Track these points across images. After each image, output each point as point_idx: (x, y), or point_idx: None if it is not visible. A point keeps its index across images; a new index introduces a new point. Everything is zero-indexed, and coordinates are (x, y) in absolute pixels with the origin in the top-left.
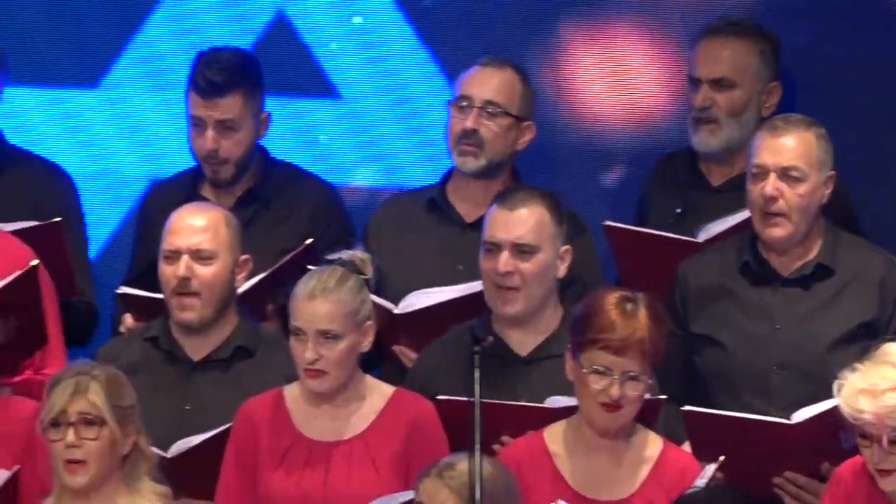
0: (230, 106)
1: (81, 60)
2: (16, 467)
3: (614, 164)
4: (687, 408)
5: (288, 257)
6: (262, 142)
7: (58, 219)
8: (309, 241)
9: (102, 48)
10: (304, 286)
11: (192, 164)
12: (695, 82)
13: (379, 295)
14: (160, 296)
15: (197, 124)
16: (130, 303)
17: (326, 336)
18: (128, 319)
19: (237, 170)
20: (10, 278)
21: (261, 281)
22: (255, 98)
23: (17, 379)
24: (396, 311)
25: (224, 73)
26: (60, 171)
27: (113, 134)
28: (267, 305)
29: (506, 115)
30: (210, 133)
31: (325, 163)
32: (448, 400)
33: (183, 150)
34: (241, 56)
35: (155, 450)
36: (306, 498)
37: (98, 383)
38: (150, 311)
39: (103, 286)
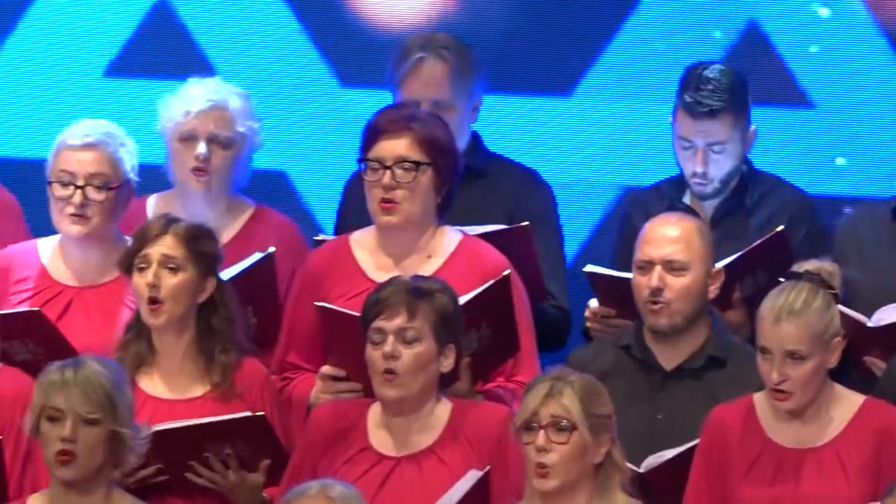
0: (720, 129)
1: (557, 69)
2: (487, 468)
3: None
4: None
5: (756, 244)
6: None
7: (525, 223)
8: (780, 228)
9: (577, 56)
10: (770, 305)
11: (668, 171)
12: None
13: (848, 306)
14: (627, 275)
15: (686, 147)
16: (598, 285)
17: (793, 357)
18: (593, 304)
19: (721, 185)
20: (483, 287)
21: (729, 266)
22: (743, 116)
23: (489, 386)
24: (870, 324)
25: (716, 95)
26: (538, 178)
27: (587, 143)
28: (734, 293)
29: None
30: (700, 156)
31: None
32: None
33: (657, 158)
34: (730, 75)
35: (629, 465)
36: None
37: (573, 389)
38: (617, 294)
39: (575, 293)
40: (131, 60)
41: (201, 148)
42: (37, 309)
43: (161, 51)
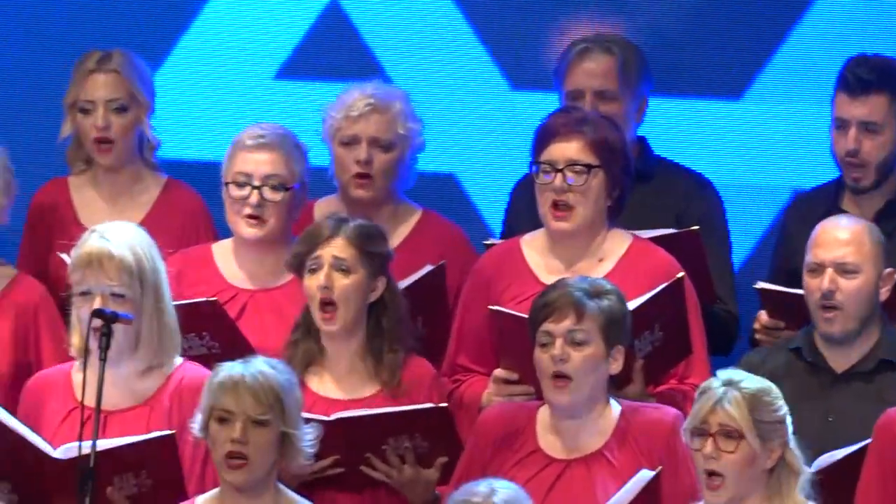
0: (875, 107)
1: (726, 72)
2: (658, 468)
3: None
4: None
5: None
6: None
7: (695, 227)
8: None
9: (747, 60)
10: None
11: (834, 175)
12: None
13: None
14: (798, 291)
15: (840, 125)
16: (768, 299)
17: None
18: (762, 316)
19: (878, 175)
20: (656, 290)
21: None
22: None
23: (660, 389)
24: None
25: (874, 73)
26: (705, 181)
27: (756, 146)
28: None
29: None
30: (852, 133)
31: None
32: None
33: (827, 161)
34: (891, 61)
35: (805, 468)
36: None
37: (742, 396)
38: (787, 309)
39: (744, 296)
40: (303, 63)
41: (362, 152)
42: (213, 298)
43: (332, 53)
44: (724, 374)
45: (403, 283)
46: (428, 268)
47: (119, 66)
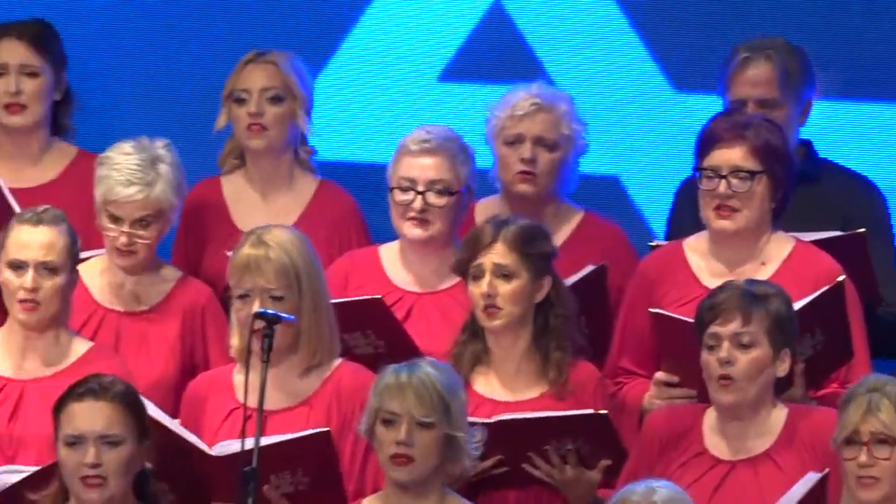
0: None
1: (891, 75)
2: (825, 471)
3: None
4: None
5: None
6: None
7: (862, 230)
8: None
9: None
10: None
11: None
12: None
13: None
14: None
15: None
16: None
17: None
18: None
19: None
20: (817, 293)
21: None
22: None
23: (822, 392)
24: None
25: None
26: (871, 184)
27: None
28: None
29: None
30: None
31: None
32: None
33: None
34: None
35: None
36: None
37: (890, 402)
38: None
39: None
40: (466, 64)
41: (526, 150)
42: (378, 296)
43: (495, 55)
44: (869, 380)
45: (565, 283)
46: (590, 268)
47: (276, 59)
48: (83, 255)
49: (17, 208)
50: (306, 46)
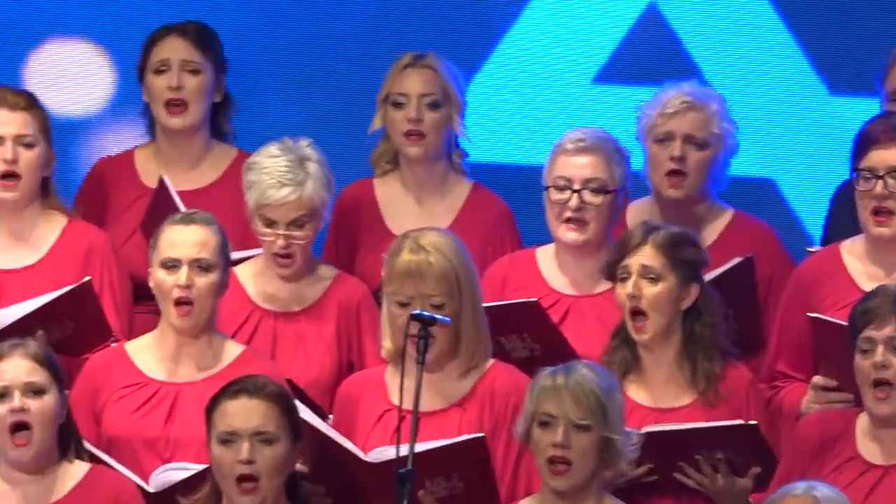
0: None
1: None
2: None
3: None
4: None
5: None
6: None
7: None
8: None
9: None
10: None
11: None
12: None
13: None
14: None
15: None
16: None
17: None
18: None
19: None
20: None
21: None
22: None
23: None
24: None
25: None
26: None
27: None
28: None
29: None
30: None
31: None
32: None
33: None
34: None
35: None
36: None
37: None
38: None
39: None
40: (620, 67)
41: (676, 148)
42: (534, 299)
43: (650, 56)
44: None
45: (711, 276)
46: (736, 260)
47: (434, 63)
48: (241, 254)
49: (183, 210)
50: (462, 48)
